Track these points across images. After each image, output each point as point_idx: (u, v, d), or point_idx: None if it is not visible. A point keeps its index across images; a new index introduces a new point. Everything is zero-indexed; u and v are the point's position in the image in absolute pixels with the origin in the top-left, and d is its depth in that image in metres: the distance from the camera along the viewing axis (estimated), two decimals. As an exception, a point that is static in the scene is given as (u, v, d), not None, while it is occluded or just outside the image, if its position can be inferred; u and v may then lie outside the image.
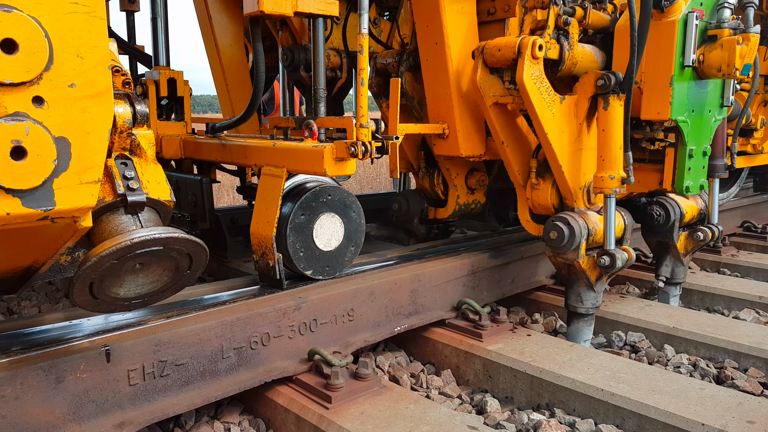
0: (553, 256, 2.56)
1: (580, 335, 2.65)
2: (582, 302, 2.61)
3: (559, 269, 2.68)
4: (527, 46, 2.36)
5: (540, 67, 2.42)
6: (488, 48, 2.50)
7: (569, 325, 2.69)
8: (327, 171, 2.15)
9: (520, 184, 2.76)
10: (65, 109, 1.16)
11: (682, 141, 2.71)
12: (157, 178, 1.48)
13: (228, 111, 3.89)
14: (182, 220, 3.02)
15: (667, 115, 2.56)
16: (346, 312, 2.34)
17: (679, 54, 2.52)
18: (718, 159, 3.03)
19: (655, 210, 3.00)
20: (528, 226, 2.81)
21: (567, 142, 2.53)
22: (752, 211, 5.04)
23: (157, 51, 3.39)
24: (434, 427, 1.86)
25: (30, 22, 1.08)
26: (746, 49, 2.54)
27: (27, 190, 1.13)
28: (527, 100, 2.40)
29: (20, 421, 1.58)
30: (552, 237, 2.49)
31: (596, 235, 2.53)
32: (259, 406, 2.14)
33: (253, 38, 2.37)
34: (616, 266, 2.45)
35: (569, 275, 2.63)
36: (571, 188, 2.57)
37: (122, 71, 1.61)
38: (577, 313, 2.65)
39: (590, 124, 2.59)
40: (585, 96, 2.51)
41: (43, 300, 3.18)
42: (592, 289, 2.59)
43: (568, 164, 2.54)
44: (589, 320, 2.65)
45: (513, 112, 2.67)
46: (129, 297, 1.53)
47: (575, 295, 2.63)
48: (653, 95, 2.59)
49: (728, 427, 1.83)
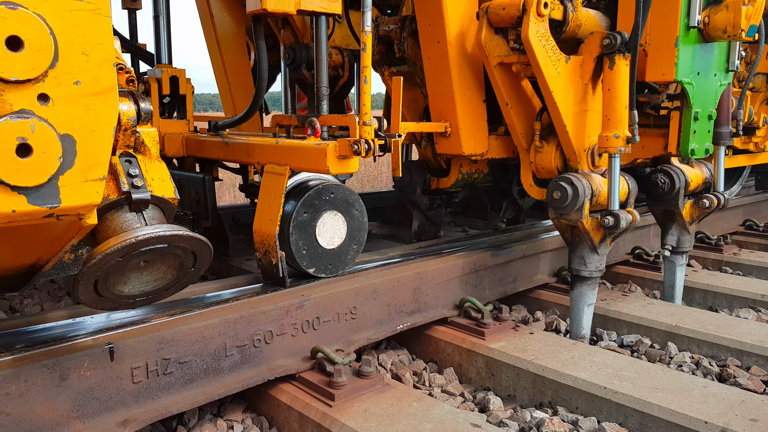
0: (557, 217, 2.54)
1: (582, 299, 2.64)
2: (585, 265, 2.60)
3: (562, 232, 2.66)
4: (532, 4, 2.36)
5: (545, 25, 2.41)
6: (492, 7, 2.51)
7: (572, 289, 2.67)
8: (330, 169, 2.14)
9: (523, 148, 2.76)
10: (70, 106, 1.16)
11: (687, 103, 2.70)
12: (161, 175, 1.48)
13: (230, 109, 3.90)
14: (185, 218, 3.02)
15: (672, 77, 2.56)
16: (348, 310, 2.34)
17: (684, 15, 2.52)
18: (724, 126, 3.00)
19: (659, 178, 2.97)
20: (531, 190, 2.79)
21: (572, 102, 2.52)
22: (754, 210, 5.04)
23: (159, 49, 3.39)
24: (437, 425, 1.86)
25: (35, 19, 1.08)
26: (752, 9, 2.53)
27: (32, 188, 1.13)
28: (532, 58, 2.39)
29: (24, 419, 1.58)
30: (555, 197, 2.48)
31: (600, 197, 2.51)
32: (262, 404, 2.14)
33: (255, 36, 2.37)
34: (620, 226, 2.43)
35: (572, 238, 2.61)
36: (575, 150, 2.56)
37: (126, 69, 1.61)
38: (580, 277, 2.63)
39: (595, 86, 2.58)
40: (590, 56, 2.50)
41: (46, 298, 3.18)
42: (596, 251, 2.57)
43: (572, 125, 2.53)
44: (592, 283, 2.63)
45: (518, 74, 2.67)
46: (133, 294, 1.53)
47: (579, 258, 2.61)
48: (658, 57, 2.59)
49: (731, 425, 1.83)
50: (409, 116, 3.26)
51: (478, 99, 2.87)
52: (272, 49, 4.07)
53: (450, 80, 2.77)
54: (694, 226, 3.11)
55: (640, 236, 3.85)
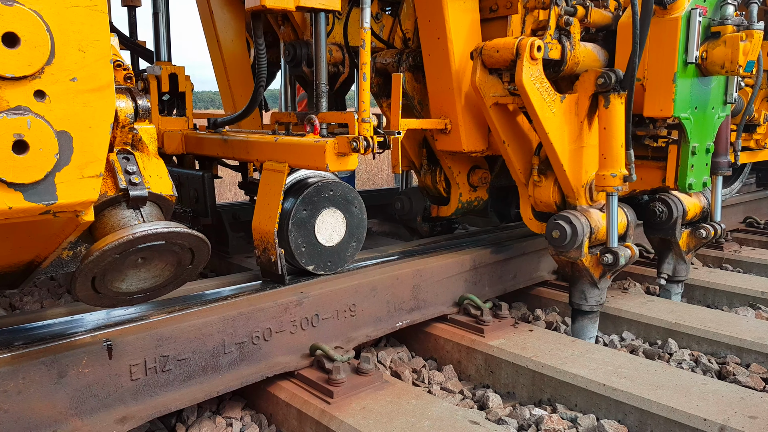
0: (556, 254, 2.55)
1: (584, 332, 2.65)
2: (586, 300, 2.61)
3: (562, 267, 2.68)
4: (525, 48, 2.35)
5: (539, 68, 2.41)
6: (486, 49, 2.49)
7: (574, 323, 2.68)
8: (329, 166, 2.14)
9: (522, 182, 2.76)
10: (67, 103, 1.15)
11: (685, 138, 2.70)
12: (159, 172, 1.48)
13: (230, 106, 3.89)
14: (184, 216, 3.02)
15: (670, 113, 2.55)
16: (347, 307, 2.34)
17: (682, 51, 2.51)
18: (722, 156, 3.02)
19: (657, 207, 2.99)
20: (530, 224, 2.80)
21: (568, 140, 2.52)
22: (755, 207, 5.03)
23: (158, 46, 3.39)
24: (436, 422, 1.86)
25: (31, 15, 1.08)
26: (750, 45, 2.53)
27: (29, 184, 1.13)
28: (527, 100, 2.39)
29: (23, 416, 1.58)
30: (554, 236, 2.49)
31: (599, 233, 2.52)
32: (261, 401, 2.14)
33: (254, 33, 2.37)
34: (620, 264, 2.44)
35: (572, 273, 2.63)
36: (573, 186, 2.56)
37: (124, 66, 1.61)
38: (581, 311, 2.64)
39: (591, 122, 2.59)
40: (585, 94, 2.50)
41: (45, 295, 3.18)
42: (596, 286, 2.59)
43: (569, 162, 2.53)
44: (593, 317, 2.65)
45: (514, 111, 2.67)
46: (131, 291, 1.53)
47: (579, 292, 2.63)
48: (656, 92, 2.58)
49: (730, 422, 1.83)
50: (408, 144, 3.27)
51: (478, 96, 2.86)
52: (272, 46, 4.06)
53: (450, 76, 2.77)
54: (690, 255, 3.11)
55: (639, 234, 3.84)
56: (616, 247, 2.47)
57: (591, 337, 2.66)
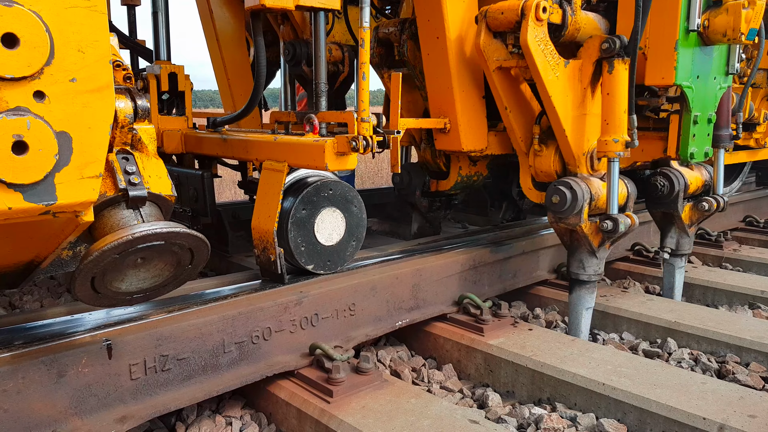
0: (555, 221, 2.53)
1: (581, 302, 2.63)
2: (584, 269, 2.59)
3: (561, 236, 2.66)
4: (531, 8, 2.35)
5: (544, 30, 2.40)
6: (491, 12, 2.49)
7: (571, 293, 2.67)
8: (328, 165, 2.14)
9: (522, 152, 2.75)
10: (66, 103, 1.16)
11: (686, 107, 2.69)
12: (158, 172, 1.48)
13: (229, 106, 3.89)
14: (183, 215, 3.02)
15: (672, 80, 2.55)
16: (347, 306, 2.34)
17: (684, 18, 2.51)
18: (723, 129, 2.99)
19: (659, 180, 2.97)
20: (530, 193, 2.79)
21: (571, 106, 2.52)
22: (755, 206, 5.03)
23: (157, 45, 3.38)
24: (435, 421, 1.86)
25: (31, 16, 1.08)
26: (752, 13, 2.51)
27: (28, 185, 1.13)
28: (531, 62, 2.39)
29: (22, 416, 1.58)
30: (554, 201, 2.47)
31: (599, 201, 2.51)
32: (260, 400, 2.14)
33: (254, 32, 2.37)
34: (619, 230, 2.42)
35: (571, 242, 2.61)
36: (574, 154, 2.55)
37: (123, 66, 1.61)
38: (579, 280, 2.63)
39: (594, 90, 2.58)
40: (590, 60, 2.49)
41: (45, 294, 3.19)
42: (595, 255, 2.57)
43: (571, 129, 2.52)
44: (591, 287, 2.63)
45: (516, 78, 2.66)
46: (131, 291, 1.53)
47: (577, 261, 2.61)
48: (658, 60, 2.58)
49: (729, 421, 1.83)
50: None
51: (478, 95, 2.86)
52: (272, 45, 4.06)
53: (449, 76, 2.77)
54: (693, 228, 3.10)
55: (639, 233, 3.84)
56: (616, 213, 2.46)
57: (588, 308, 2.64)
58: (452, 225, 4.41)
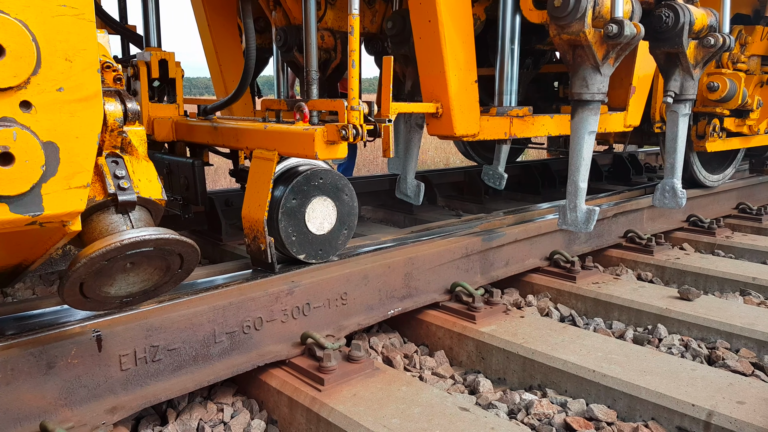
0: (558, 33, 2.44)
1: (584, 125, 2.56)
2: (587, 87, 2.52)
3: (564, 54, 2.57)
4: None
5: None
6: None
7: (573, 117, 2.58)
8: (318, 154, 2.13)
9: None
10: (53, 113, 1.14)
11: None
12: (148, 176, 1.46)
13: (221, 92, 3.86)
14: (175, 203, 3.01)
15: None
16: (339, 296, 2.34)
17: None
18: None
19: (663, 12, 2.86)
20: (531, 15, 2.69)
21: None
22: (748, 193, 5.04)
23: (148, 32, 3.35)
24: (426, 408, 1.87)
25: (16, 25, 1.06)
26: None
27: (14, 196, 1.11)
28: None
29: (11, 407, 1.58)
30: (556, 5, 2.39)
31: (603, 8, 2.42)
32: (252, 388, 2.15)
33: (243, 15, 2.34)
34: (624, 34, 2.35)
35: (574, 59, 2.53)
36: None
37: (113, 67, 1.58)
38: (582, 101, 2.55)
39: None
40: None
41: (38, 282, 3.18)
42: (599, 71, 2.49)
43: None
44: (594, 108, 2.55)
45: None
46: (120, 295, 1.52)
47: (580, 80, 2.53)
48: None
49: (718, 407, 1.85)
50: None
51: (470, 79, 2.84)
52: (264, 32, 4.02)
53: (442, 60, 2.73)
54: (698, 70, 2.96)
55: (632, 219, 3.85)
56: (621, 17, 2.38)
57: (591, 132, 2.56)
58: (447, 213, 4.41)
